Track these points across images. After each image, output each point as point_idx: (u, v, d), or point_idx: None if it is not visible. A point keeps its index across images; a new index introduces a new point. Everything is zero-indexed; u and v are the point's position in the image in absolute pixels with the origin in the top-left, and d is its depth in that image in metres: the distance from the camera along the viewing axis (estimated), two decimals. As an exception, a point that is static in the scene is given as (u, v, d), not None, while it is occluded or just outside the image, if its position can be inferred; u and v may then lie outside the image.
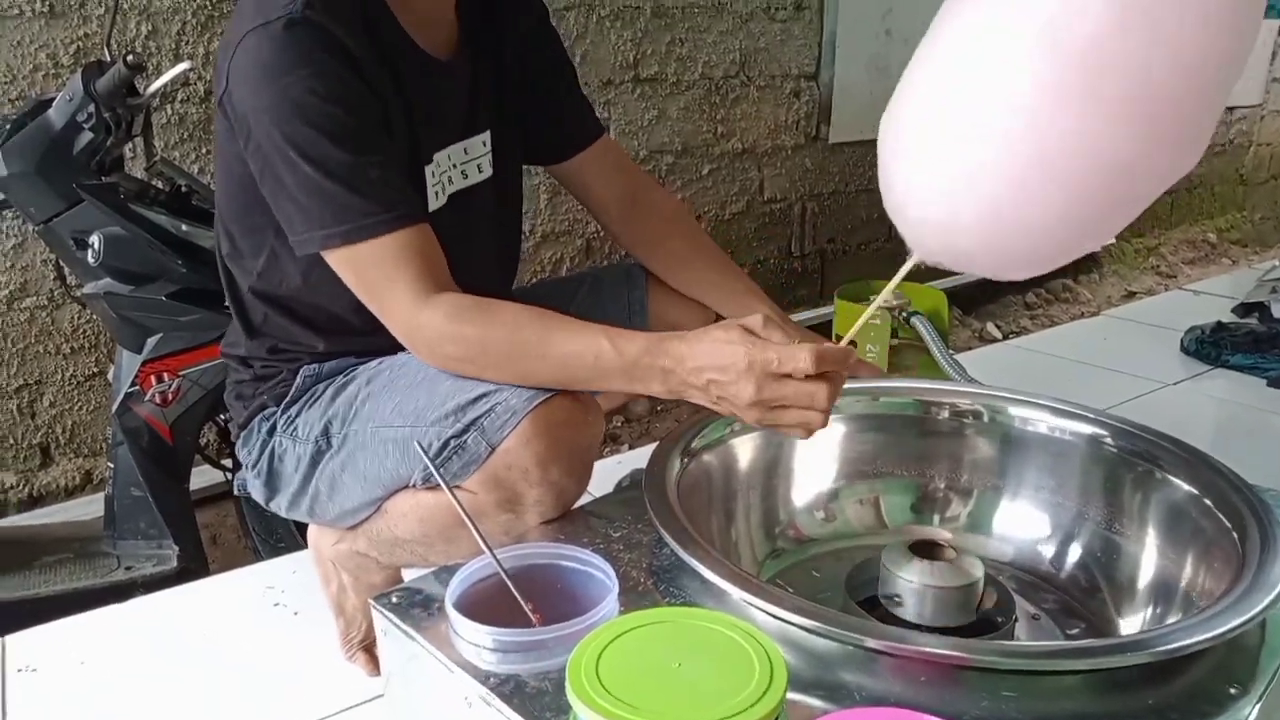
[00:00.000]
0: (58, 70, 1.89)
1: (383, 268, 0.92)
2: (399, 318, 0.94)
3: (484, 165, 1.12)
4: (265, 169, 0.93)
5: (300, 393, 1.08)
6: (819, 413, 0.81)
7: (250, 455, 1.11)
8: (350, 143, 0.91)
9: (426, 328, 0.93)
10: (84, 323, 2.03)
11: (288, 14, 0.89)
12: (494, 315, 0.92)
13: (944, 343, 1.36)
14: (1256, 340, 2.47)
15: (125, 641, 1.29)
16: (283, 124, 0.89)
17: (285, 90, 0.89)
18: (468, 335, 0.92)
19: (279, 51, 0.89)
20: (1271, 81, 4.82)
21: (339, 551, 1.14)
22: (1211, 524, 0.87)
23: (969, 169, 0.73)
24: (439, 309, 0.92)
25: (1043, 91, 0.69)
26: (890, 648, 0.69)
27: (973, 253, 0.77)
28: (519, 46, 1.14)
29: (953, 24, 0.75)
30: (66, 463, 2.08)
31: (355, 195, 0.91)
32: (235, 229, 1.06)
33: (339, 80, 0.90)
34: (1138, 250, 4.42)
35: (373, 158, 0.92)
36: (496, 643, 0.70)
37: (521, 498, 0.93)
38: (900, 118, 0.78)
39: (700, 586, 0.79)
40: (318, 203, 0.91)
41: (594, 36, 2.61)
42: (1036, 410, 1.04)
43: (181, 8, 2.01)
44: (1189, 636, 0.68)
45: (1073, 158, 0.70)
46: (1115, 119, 0.69)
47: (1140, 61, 0.67)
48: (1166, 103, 0.69)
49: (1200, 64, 0.69)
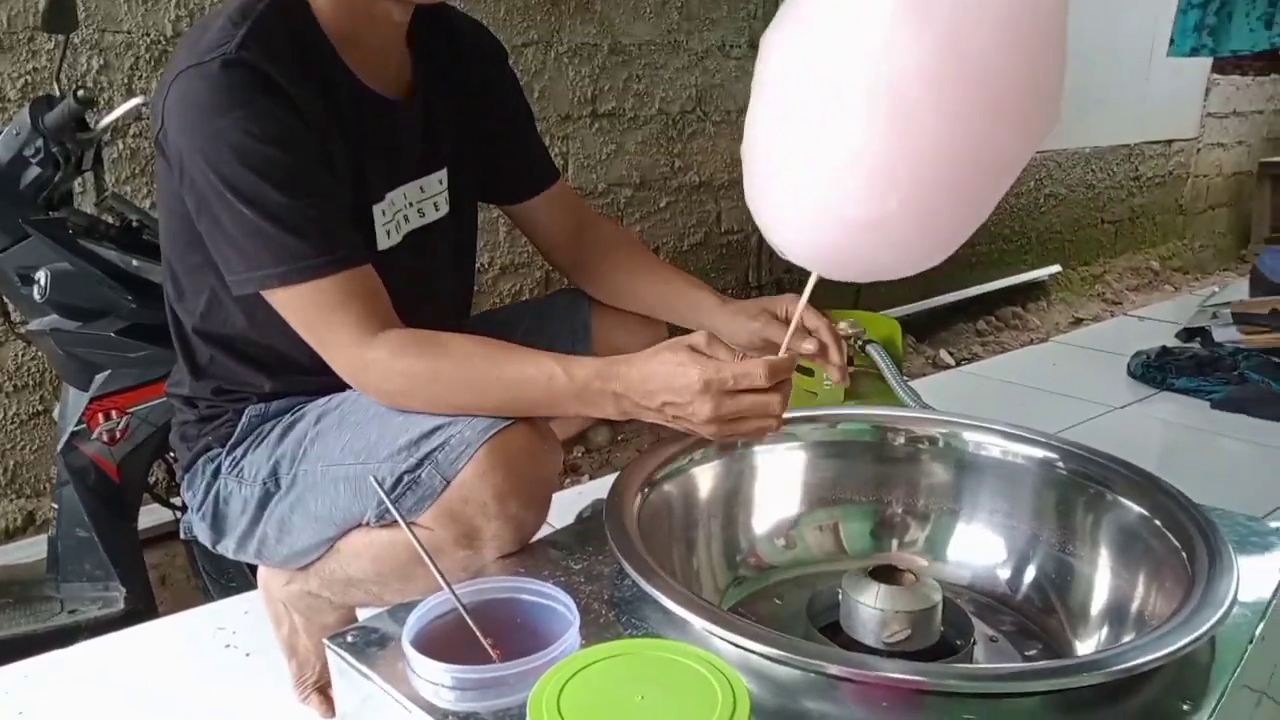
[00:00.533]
0: (4, 105, 1.86)
1: (323, 310, 0.91)
2: (344, 358, 0.93)
3: (440, 203, 1.12)
4: (202, 209, 0.92)
5: (246, 433, 1.05)
6: (774, 418, 0.85)
7: (195, 497, 1.08)
8: (288, 184, 0.89)
9: (372, 366, 0.92)
10: (27, 359, 1.97)
11: (222, 54, 0.88)
12: (442, 347, 0.92)
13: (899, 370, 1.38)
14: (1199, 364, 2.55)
15: (69, 689, 1.24)
16: (220, 166, 0.88)
17: (221, 132, 0.88)
18: (416, 369, 0.91)
19: (213, 92, 0.88)
20: (1206, 116, 5.02)
21: (290, 593, 1.12)
22: (1161, 544, 0.89)
23: (816, 193, 0.78)
24: (384, 347, 0.91)
25: (874, 115, 0.72)
26: (852, 674, 0.69)
27: (843, 263, 0.83)
28: (478, 88, 1.14)
29: (784, 55, 0.78)
30: (7, 504, 2.01)
31: (293, 236, 0.89)
32: (178, 268, 1.04)
33: (275, 120, 0.89)
34: (1084, 278, 4.54)
35: (311, 199, 0.91)
36: (455, 680, 0.69)
37: (479, 532, 0.92)
38: (752, 150, 0.84)
39: (662, 617, 0.78)
40: (255, 244, 0.89)
41: (552, 72, 2.64)
42: (990, 435, 1.06)
43: (134, 43, 1.99)
44: (1142, 655, 0.69)
45: (916, 167, 0.73)
46: (951, 121, 0.71)
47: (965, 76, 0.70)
48: (998, 99, 0.71)
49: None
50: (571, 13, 2.66)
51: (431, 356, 0.91)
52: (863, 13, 0.71)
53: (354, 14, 0.97)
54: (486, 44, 1.17)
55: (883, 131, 0.72)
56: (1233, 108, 5.17)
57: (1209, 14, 2.73)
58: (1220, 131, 5.18)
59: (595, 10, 2.71)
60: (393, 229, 1.05)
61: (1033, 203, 4.25)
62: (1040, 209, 4.30)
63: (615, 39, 2.77)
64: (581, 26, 2.69)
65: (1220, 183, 5.35)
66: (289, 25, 0.93)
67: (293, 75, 0.91)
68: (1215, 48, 2.75)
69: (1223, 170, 5.33)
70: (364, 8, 0.97)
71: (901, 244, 0.79)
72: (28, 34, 1.86)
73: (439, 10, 1.08)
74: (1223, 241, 5.46)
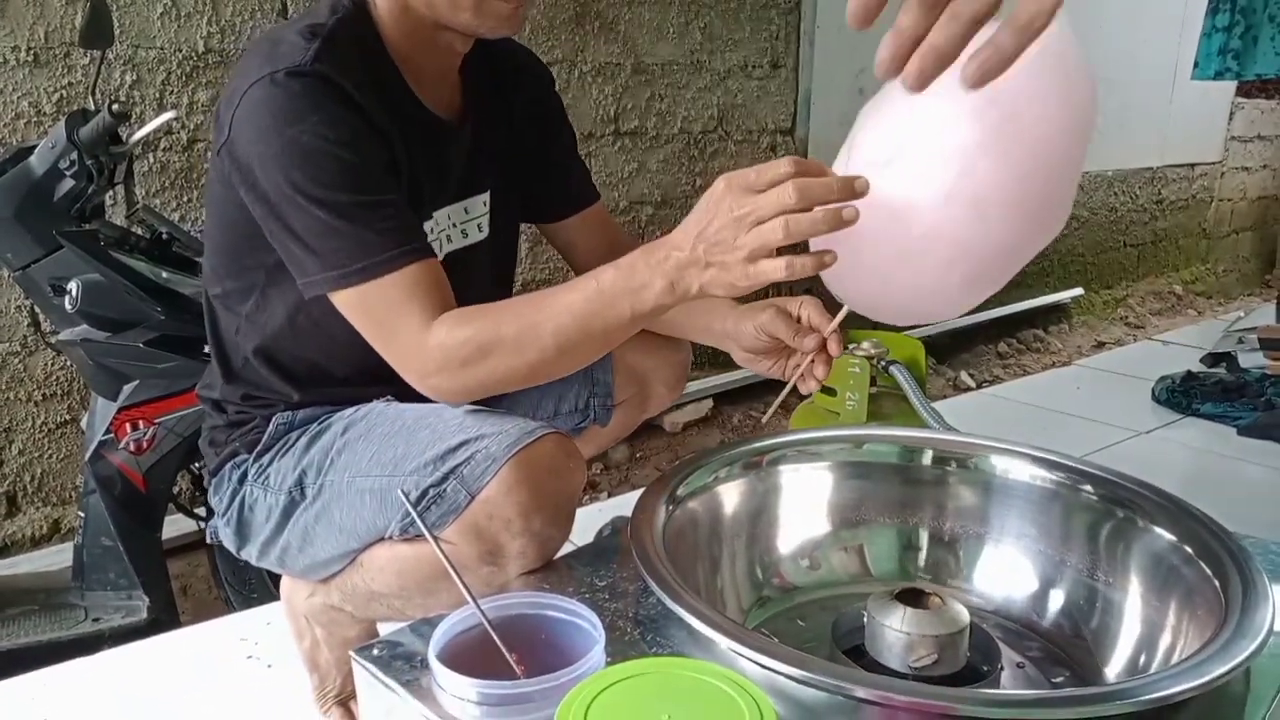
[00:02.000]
0: (40, 119, 1.90)
1: (392, 304, 0.91)
2: (412, 347, 0.92)
3: (483, 225, 1.14)
4: (271, 215, 0.93)
5: (273, 440, 1.06)
6: (797, 212, 0.77)
7: (221, 503, 1.09)
8: (359, 185, 0.91)
9: (438, 347, 0.91)
10: (57, 369, 2.00)
11: (297, 65, 0.90)
12: (490, 309, 0.92)
13: (922, 391, 1.38)
14: (1225, 389, 2.52)
15: (92, 697, 1.25)
16: (291, 170, 0.89)
17: (296, 138, 0.89)
18: (474, 334, 0.90)
19: (289, 100, 0.90)
20: (1230, 140, 4.99)
21: (312, 605, 1.12)
22: (1193, 571, 0.88)
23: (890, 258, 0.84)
24: (443, 325, 0.91)
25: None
26: (878, 697, 0.69)
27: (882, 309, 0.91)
28: (526, 111, 1.17)
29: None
30: (34, 511, 2.03)
31: (369, 232, 0.90)
32: (225, 271, 1.05)
33: (348, 126, 0.91)
34: (1106, 301, 4.51)
35: (382, 198, 0.92)
36: (481, 695, 0.69)
37: (504, 549, 0.92)
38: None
39: (687, 636, 0.78)
40: (331, 244, 0.90)
41: (575, 91, 2.66)
42: (1017, 458, 1.05)
43: (166, 58, 2.02)
44: (1175, 685, 0.68)
45: (979, 254, 0.82)
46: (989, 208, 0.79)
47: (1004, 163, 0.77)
48: (1026, 191, 0.79)
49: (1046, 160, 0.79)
50: (595, 33, 2.68)
51: (484, 316, 0.91)
52: (948, 116, 0.76)
53: (418, 39, 1.00)
54: (535, 70, 1.20)
55: (960, 219, 0.79)
56: (1257, 131, 5.14)
57: (1233, 38, 2.72)
58: (1245, 155, 5.14)
59: (619, 30, 2.73)
60: (437, 247, 1.06)
61: (1055, 225, 4.22)
62: (1062, 231, 4.27)
63: (638, 59, 2.79)
64: (605, 46, 2.71)
65: (1245, 207, 5.31)
66: (358, 43, 0.96)
67: (362, 89, 0.93)
68: (1240, 71, 2.74)
69: (1247, 194, 5.29)
70: (429, 34, 1.00)
71: (945, 305, 0.88)
72: (64, 49, 1.90)
73: (489, 44, 1.09)
74: (1247, 266, 5.41)
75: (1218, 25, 2.75)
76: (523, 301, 0.93)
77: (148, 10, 1.98)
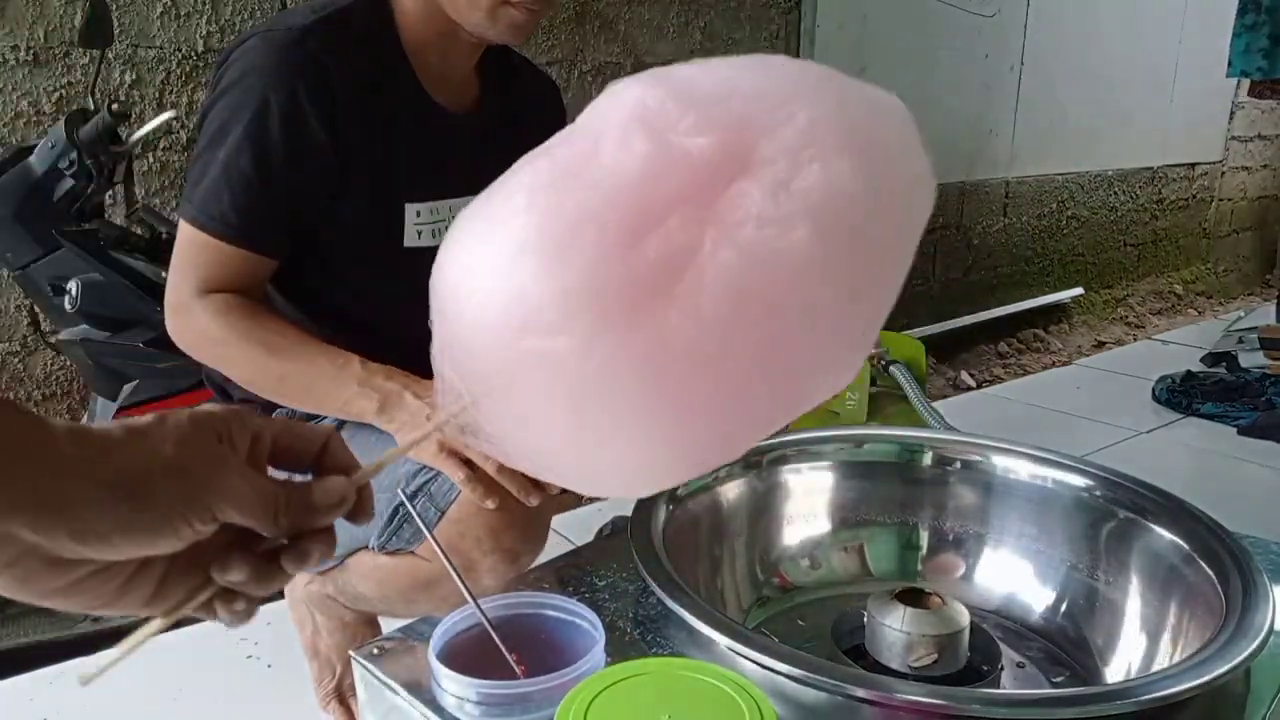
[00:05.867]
0: (39, 118, 1.89)
1: (200, 260, 0.96)
2: (182, 296, 0.97)
3: None
4: (205, 134, 0.97)
5: None
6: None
7: None
8: (264, 165, 0.95)
9: (192, 309, 0.96)
10: (57, 369, 2.00)
11: (289, 28, 0.94)
12: (258, 319, 0.96)
13: (922, 390, 1.38)
14: (1225, 389, 2.52)
15: (91, 697, 1.25)
16: (238, 116, 0.94)
17: (252, 90, 0.94)
18: (215, 327, 0.96)
19: (267, 55, 0.94)
20: (1230, 139, 4.99)
21: (311, 593, 1.13)
22: (1193, 571, 0.88)
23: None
24: (214, 302, 0.96)
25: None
26: (878, 697, 0.69)
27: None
28: (532, 121, 1.17)
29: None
30: (33, 512, 2.03)
31: (237, 199, 0.95)
32: None
33: (297, 107, 0.94)
34: (1106, 301, 4.51)
35: (269, 186, 0.95)
36: (481, 695, 0.69)
37: (475, 564, 0.93)
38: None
39: (687, 635, 0.78)
40: (209, 186, 0.95)
41: (575, 91, 2.66)
42: (1018, 458, 1.05)
43: (166, 58, 2.02)
44: (1175, 684, 0.68)
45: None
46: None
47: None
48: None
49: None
50: (595, 32, 2.68)
51: (241, 320, 0.95)
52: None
53: (436, 30, 1.02)
54: (543, 84, 1.24)
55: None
56: (1257, 131, 5.14)
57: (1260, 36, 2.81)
58: (1245, 155, 5.14)
59: (619, 30, 2.73)
60: (426, 232, 1.07)
61: (1055, 225, 4.23)
62: (1062, 231, 4.28)
63: (638, 58, 2.79)
64: (605, 46, 2.71)
65: (1245, 207, 5.31)
66: (368, 24, 0.99)
67: (348, 69, 0.96)
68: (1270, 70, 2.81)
69: (1248, 194, 5.29)
70: (448, 29, 1.02)
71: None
72: (63, 49, 1.90)
73: (508, 50, 1.14)
74: (1247, 266, 5.41)
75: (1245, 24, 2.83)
76: (284, 329, 0.97)
77: (147, 10, 1.98)
